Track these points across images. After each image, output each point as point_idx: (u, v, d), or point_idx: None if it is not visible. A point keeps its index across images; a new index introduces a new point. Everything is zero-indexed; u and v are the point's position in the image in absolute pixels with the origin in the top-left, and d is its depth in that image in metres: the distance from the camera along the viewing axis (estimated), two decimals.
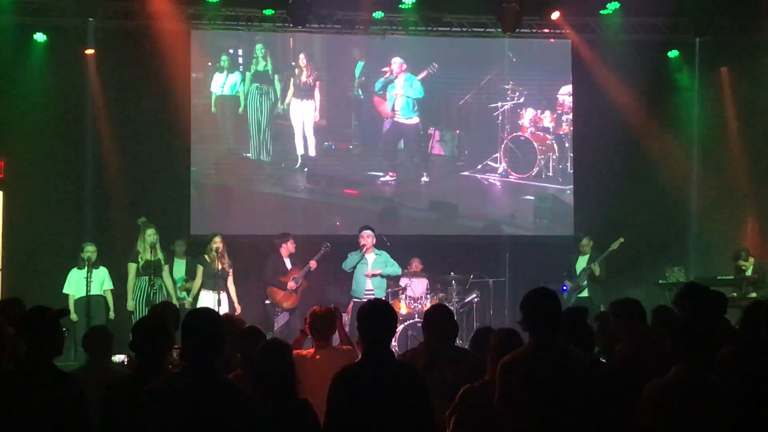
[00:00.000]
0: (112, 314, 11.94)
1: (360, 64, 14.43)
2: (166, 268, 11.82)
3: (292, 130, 14.25)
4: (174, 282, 12.11)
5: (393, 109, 14.45)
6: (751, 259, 12.61)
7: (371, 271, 12.13)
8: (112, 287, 12.07)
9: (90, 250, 11.73)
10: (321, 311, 6.33)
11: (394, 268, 12.35)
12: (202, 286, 11.93)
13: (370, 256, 12.14)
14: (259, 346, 5.00)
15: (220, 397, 4.19)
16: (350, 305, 12.09)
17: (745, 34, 13.90)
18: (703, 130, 14.50)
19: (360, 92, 14.48)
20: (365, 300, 11.52)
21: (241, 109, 14.17)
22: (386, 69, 14.38)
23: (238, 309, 11.89)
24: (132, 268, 11.70)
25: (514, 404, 4.70)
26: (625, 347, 5.94)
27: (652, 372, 5.01)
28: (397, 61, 14.38)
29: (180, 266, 12.62)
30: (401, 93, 14.41)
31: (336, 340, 6.55)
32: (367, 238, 12.17)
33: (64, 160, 13.36)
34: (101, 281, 11.90)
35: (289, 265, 12.41)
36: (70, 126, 13.43)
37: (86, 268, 11.60)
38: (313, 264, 12.33)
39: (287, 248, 12.41)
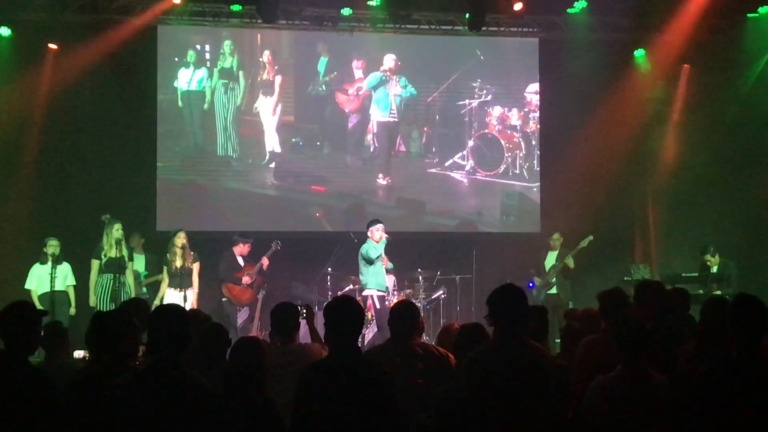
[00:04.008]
0: (73, 310, 11.78)
1: (323, 60, 14.41)
2: (129, 265, 11.69)
3: (260, 127, 14.21)
4: (135, 278, 11.99)
5: (391, 110, 14.48)
6: (717, 257, 12.73)
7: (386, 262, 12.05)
8: (74, 283, 11.91)
9: (53, 245, 11.58)
10: (283, 306, 6.33)
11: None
12: (168, 284, 11.86)
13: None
14: (234, 343, 5.00)
15: (185, 393, 4.17)
16: (371, 299, 11.78)
17: (709, 34, 13.99)
18: (668, 127, 14.62)
19: (324, 88, 14.45)
20: (385, 294, 11.58)
21: (207, 105, 14.10)
22: (385, 68, 14.44)
23: (194, 305, 11.52)
24: (95, 264, 11.54)
25: (478, 399, 4.73)
26: (587, 341, 6.01)
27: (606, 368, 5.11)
28: (390, 58, 14.45)
29: (139, 261, 12.50)
30: (397, 93, 14.48)
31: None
32: (383, 230, 11.90)
33: (27, 155, 13.23)
34: (64, 277, 11.76)
35: (242, 263, 12.47)
36: (35, 121, 13.26)
37: (50, 263, 11.46)
38: (264, 261, 12.36)
39: (241, 249, 12.51)
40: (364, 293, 11.85)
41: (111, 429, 4.22)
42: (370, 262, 11.76)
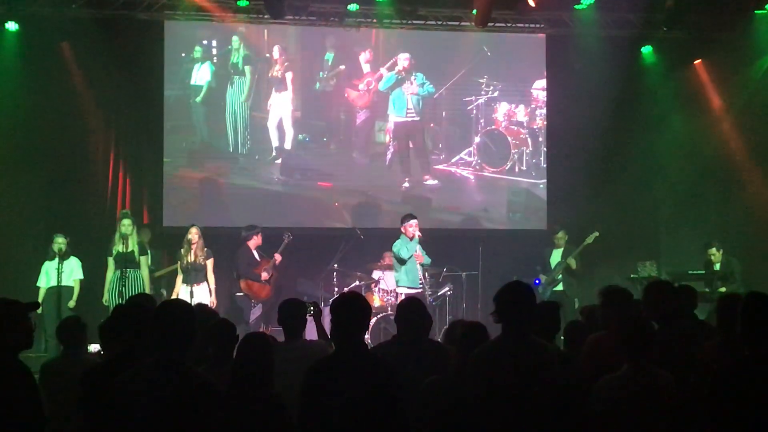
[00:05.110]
0: (72, 303, 11.69)
1: (330, 56, 14.39)
2: (142, 259, 11.68)
3: (266, 123, 14.20)
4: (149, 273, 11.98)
5: (408, 109, 14.47)
6: (721, 252, 12.69)
7: (421, 258, 11.98)
8: (81, 277, 11.91)
9: (60, 242, 11.62)
10: (290, 302, 6.33)
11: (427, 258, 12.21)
12: (182, 280, 11.86)
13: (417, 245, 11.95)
14: (242, 338, 5.00)
15: (189, 389, 4.16)
16: (401, 297, 11.57)
17: (718, 30, 13.96)
18: (675, 125, 14.59)
19: (331, 84, 14.43)
20: (419, 291, 11.50)
21: (214, 101, 14.07)
22: (400, 68, 14.44)
23: (213, 302, 11.61)
24: (110, 262, 11.59)
25: (483, 396, 4.73)
26: (592, 339, 5.99)
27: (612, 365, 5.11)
28: (404, 57, 14.43)
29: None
30: (414, 91, 14.46)
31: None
32: (416, 227, 11.86)
33: (34, 151, 13.22)
34: (71, 271, 11.78)
35: (258, 258, 12.40)
36: (43, 116, 13.26)
37: (57, 259, 11.50)
38: (277, 257, 12.32)
39: (256, 241, 12.41)
40: (397, 290, 11.84)
41: (113, 426, 4.21)
42: (402, 262, 11.74)
